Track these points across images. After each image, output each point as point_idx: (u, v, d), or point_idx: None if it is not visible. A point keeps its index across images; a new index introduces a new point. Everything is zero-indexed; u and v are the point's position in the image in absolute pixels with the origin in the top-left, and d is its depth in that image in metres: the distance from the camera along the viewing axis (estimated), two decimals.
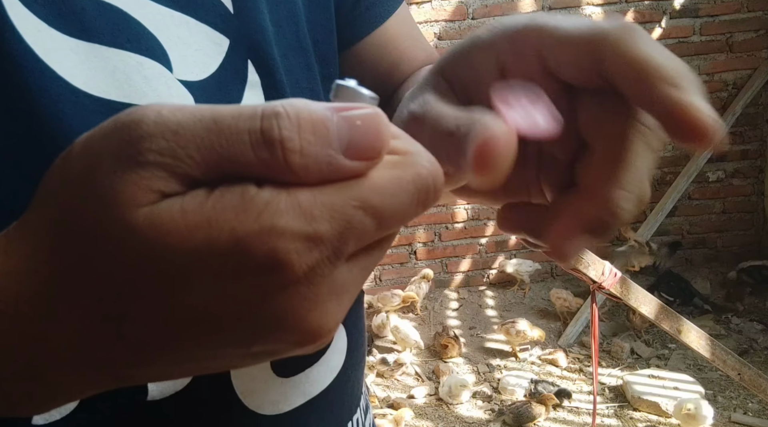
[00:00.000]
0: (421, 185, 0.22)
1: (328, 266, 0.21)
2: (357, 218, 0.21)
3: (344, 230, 0.21)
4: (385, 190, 0.21)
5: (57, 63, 0.31)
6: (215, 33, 0.39)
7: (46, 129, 0.30)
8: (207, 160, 0.20)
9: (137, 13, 0.34)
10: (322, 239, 0.20)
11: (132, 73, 0.33)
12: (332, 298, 0.22)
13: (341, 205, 0.21)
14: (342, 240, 0.21)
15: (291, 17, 0.44)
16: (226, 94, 0.39)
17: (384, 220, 0.21)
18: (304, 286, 0.21)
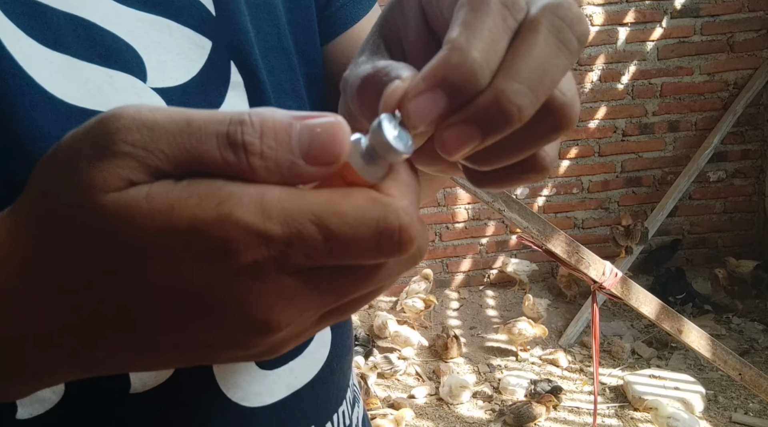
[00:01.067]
0: (384, 229, 0.22)
1: (272, 266, 0.22)
2: (308, 231, 0.22)
3: (293, 238, 0.22)
4: (346, 217, 0.22)
5: (35, 71, 0.32)
6: (197, 35, 0.39)
7: (22, 133, 0.32)
8: (177, 156, 0.22)
9: (112, 24, 0.35)
10: (272, 239, 0.21)
11: (102, 85, 0.34)
12: (278, 300, 0.22)
13: (298, 214, 0.22)
14: (289, 246, 0.22)
15: (271, 19, 0.44)
16: (208, 96, 0.39)
17: (335, 244, 0.22)
18: (249, 278, 0.22)
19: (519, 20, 0.24)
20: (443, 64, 0.23)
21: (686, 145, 3.36)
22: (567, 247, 1.64)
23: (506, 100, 0.23)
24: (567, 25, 0.24)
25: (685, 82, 3.29)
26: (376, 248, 0.22)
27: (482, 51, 0.23)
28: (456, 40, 0.23)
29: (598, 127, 3.35)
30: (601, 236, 3.46)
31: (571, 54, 0.24)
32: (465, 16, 0.24)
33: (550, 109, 0.25)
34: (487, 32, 0.23)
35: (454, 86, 0.23)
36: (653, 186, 3.43)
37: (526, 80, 0.23)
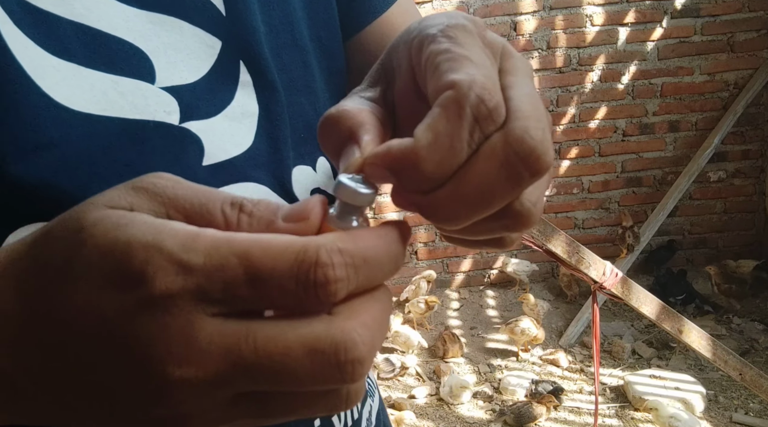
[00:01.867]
0: (302, 262, 0.21)
1: (187, 300, 0.21)
2: (230, 264, 0.21)
3: (214, 271, 0.21)
4: (269, 249, 0.22)
5: (42, 79, 0.33)
6: (208, 35, 0.40)
7: (27, 140, 0.32)
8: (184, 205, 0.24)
9: (120, 29, 0.36)
10: (191, 269, 0.21)
11: (108, 90, 0.35)
12: (190, 342, 0.21)
13: (225, 248, 0.22)
14: (208, 279, 0.21)
15: (285, 16, 0.45)
16: (218, 95, 0.40)
17: (254, 277, 0.21)
18: (160, 310, 0.21)
19: (488, 133, 0.24)
20: (399, 158, 0.25)
21: (687, 145, 3.36)
22: (567, 247, 1.64)
23: (444, 210, 0.25)
24: (523, 164, 0.24)
25: (686, 82, 3.29)
26: (298, 279, 0.21)
27: (438, 163, 0.24)
28: (419, 141, 0.24)
29: (599, 127, 3.35)
30: (601, 236, 3.46)
31: (519, 187, 0.25)
32: (436, 120, 0.24)
33: (507, 213, 0.26)
34: (449, 147, 0.24)
35: (403, 179, 0.25)
36: (653, 186, 3.43)
37: (466, 202, 0.25)
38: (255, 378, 0.22)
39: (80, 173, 0.33)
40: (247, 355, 0.21)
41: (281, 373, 0.21)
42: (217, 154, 0.39)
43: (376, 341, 0.23)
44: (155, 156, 0.36)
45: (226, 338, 0.21)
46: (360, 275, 0.22)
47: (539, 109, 0.25)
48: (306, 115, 0.46)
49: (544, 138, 0.24)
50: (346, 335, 0.22)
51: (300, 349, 0.21)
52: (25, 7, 0.33)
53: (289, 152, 0.44)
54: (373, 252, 0.23)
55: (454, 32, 0.27)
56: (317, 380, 0.22)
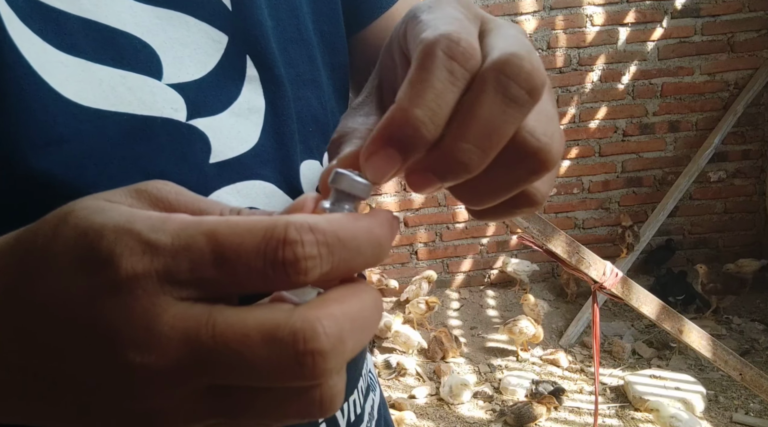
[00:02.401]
0: (270, 238, 0.21)
1: (153, 282, 0.20)
2: (197, 243, 0.21)
3: (181, 250, 0.21)
4: (237, 227, 0.21)
5: (49, 75, 0.33)
6: (214, 30, 0.40)
7: (36, 136, 0.32)
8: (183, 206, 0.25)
9: (128, 24, 0.36)
10: (158, 249, 0.21)
11: (116, 85, 0.35)
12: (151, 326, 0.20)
13: (193, 228, 0.21)
14: (175, 259, 0.21)
15: (291, 10, 0.45)
16: (224, 90, 0.40)
17: (221, 255, 0.21)
18: (124, 292, 0.20)
19: (471, 68, 0.24)
20: (389, 125, 0.24)
21: (687, 145, 3.36)
22: (567, 247, 1.64)
23: (453, 159, 0.24)
24: (515, 82, 0.24)
25: (686, 82, 3.29)
26: (263, 259, 0.20)
27: (424, 108, 0.24)
28: (400, 99, 0.24)
29: (599, 127, 3.35)
30: (601, 236, 3.46)
31: (521, 107, 0.24)
32: (412, 74, 0.24)
33: (525, 154, 0.26)
34: (430, 90, 0.24)
35: (402, 143, 0.24)
36: (654, 186, 3.43)
37: (473, 139, 0.24)
38: (213, 367, 0.20)
39: (90, 169, 0.34)
40: (204, 340, 0.20)
41: (238, 362, 0.20)
42: (224, 152, 0.39)
43: (345, 336, 0.21)
44: (163, 153, 0.36)
45: (186, 321, 0.20)
46: (335, 255, 0.21)
47: (522, 40, 0.26)
48: (313, 109, 0.46)
49: (531, 58, 0.24)
50: (307, 324, 0.20)
51: (257, 336, 0.20)
52: (32, 4, 0.33)
53: (296, 148, 0.44)
54: (350, 233, 0.22)
55: (431, 4, 0.28)
56: (275, 371, 0.20)
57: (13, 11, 0.32)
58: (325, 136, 0.47)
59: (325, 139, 0.47)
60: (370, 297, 0.23)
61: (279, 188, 0.42)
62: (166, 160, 0.36)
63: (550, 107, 0.28)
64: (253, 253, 0.20)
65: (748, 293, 3.15)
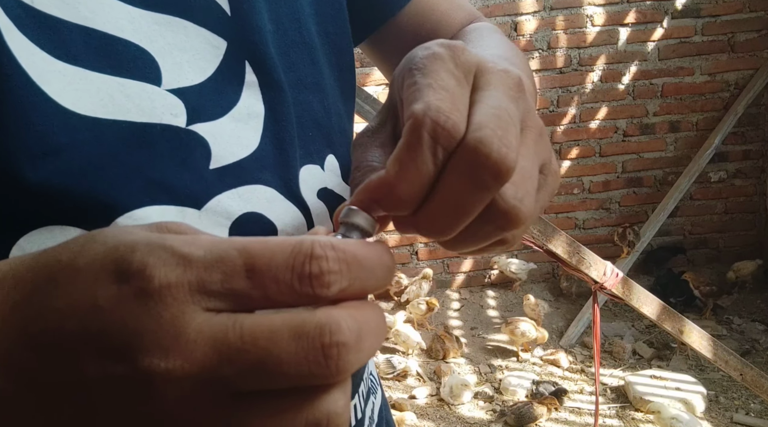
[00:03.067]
0: (298, 252, 0.22)
1: (184, 291, 0.21)
2: (230, 255, 0.22)
3: (214, 262, 0.22)
4: (268, 243, 0.22)
5: (48, 84, 0.32)
6: (213, 36, 0.40)
7: (35, 147, 0.32)
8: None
9: (126, 31, 0.36)
10: (191, 261, 0.22)
11: (114, 93, 0.35)
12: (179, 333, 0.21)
13: (225, 243, 0.23)
14: (207, 270, 0.22)
15: (292, 13, 0.45)
16: (224, 96, 0.40)
17: (254, 268, 0.22)
18: (154, 301, 0.21)
19: (451, 148, 0.27)
20: (376, 190, 0.27)
21: (687, 145, 3.36)
22: (568, 247, 1.64)
23: (428, 227, 0.28)
24: (482, 169, 0.26)
25: (686, 83, 3.29)
26: (291, 271, 0.22)
27: (408, 186, 0.27)
28: (388, 171, 0.27)
29: (599, 127, 3.35)
30: (602, 236, 3.46)
31: (486, 190, 0.27)
32: (400, 151, 0.27)
33: (495, 214, 0.28)
34: (415, 171, 0.27)
35: (386, 207, 0.28)
36: (654, 186, 3.43)
37: (443, 215, 0.27)
38: (242, 367, 0.21)
39: (89, 178, 0.33)
40: (232, 340, 0.21)
41: (266, 359, 0.21)
42: (225, 157, 0.39)
43: (363, 335, 0.22)
44: (163, 160, 0.36)
45: (214, 327, 0.21)
46: (352, 273, 0.23)
47: (500, 116, 0.27)
48: (314, 113, 0.46)
49: (501, 143, 0.26)
50: (331, 319, 0.22)
51: (285, 332, 0.21)
52: (29, 12, 0.33)
53: (295, 153, 0.44)
54: (366, 255, 0.24)
55: (424, 62, 0.29)
56: (302, 366, 0.21)
57: (11, 21, 0.32)
58: (327, 140, 0.47)
59: (326, 143, 0.47)
60: (378, 311, 0.25)
61: (279, 193, 0.42)
62: (167, 167, 0.36)
63: (530, 166, 0.30)
64: (283, 265, 0.22)
65: (749, 294, 3.15)
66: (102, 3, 0.35)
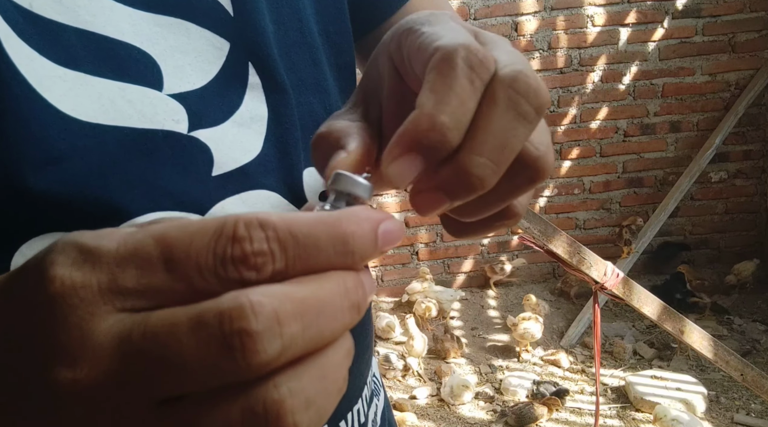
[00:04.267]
0: (220, 234, 0.20)
1: (93, 292, 0.19)
2: (145, 246, 0.20)
3: (127, 256, 0.20)
4: (187, 227, 0.20)
5: (48, 91, 0.32)
6: (216, 37, 0.39)
7: (35, 156, 0.31)
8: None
9: (127, 34, 0.35)
10: (100, 257, 0.20)
11: (116, 98, 0.34)
12: (85, 337, 0.19)
13: (140, 232, 0.20)
14: (120, 266, 0.19)
15: (293, 13, 0.45)
16: (226, 98, 0.39)
17: (173, 257, 0.20)
18: (60, 304, 0.19)
19: (486, 80, 0.25)
20: (414, 130, 0.25)
21: (688, 145, 3.36)
22: (568, 247, 1.64)
23: (469, 174, 0.25)
24: (524, 98, 0.25)
25: (687, 83, 3.29)
26: (213, 256, 0.19)
27: (450, 115, 0.24)
28: (425, 105, 0.24)
29: (600, 127, 3.35)
30: (602, 236, 3.45)
31: (529, 123, 0.25)
32: (433, 81, 0.25)
33: (525, 164, 0.27)
34: (454, 97, 0.24)
35: (427, 149, 0.25)
36: (655, 187, 3.43)
37: (487, 153, 0.25)
38: (145, 368, 0.19)
39: (92, 186, 0.33)
40: (135, 340, 0.19)
41: (168, 356, 0.19)
42: (227, 163, 0.39)
43: (283, 318, 0.19)
44: (165, 167, 0.36)
45: (122, 327, 0.19)
46: (288, 252, 0.20)
47: (521, 56, 0.27)
48: (316, 114, 0.45)
49: (535, 76, 0.26)
50: (234, 302, 0.18)
51: (185, 324, 0.19)
52: (28, 18, 0.32)
53: (299, 155, 0.43)
54: (305, 229, 0.20)
55: (428, 18, 0.28)
56: (206, 362, 0.18)
57: (10, 27, 0.31)
58: None
59: None
60: (332, 281, 0.21)
61: (283, 197, 0.42)
62: (169, 175, 0.36)
63: (543, 122, 0.29)
64: (203, 252, 0.20)
65: (749, 294, 3.15)
66: (102, 6, 0.34)
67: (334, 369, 0.21)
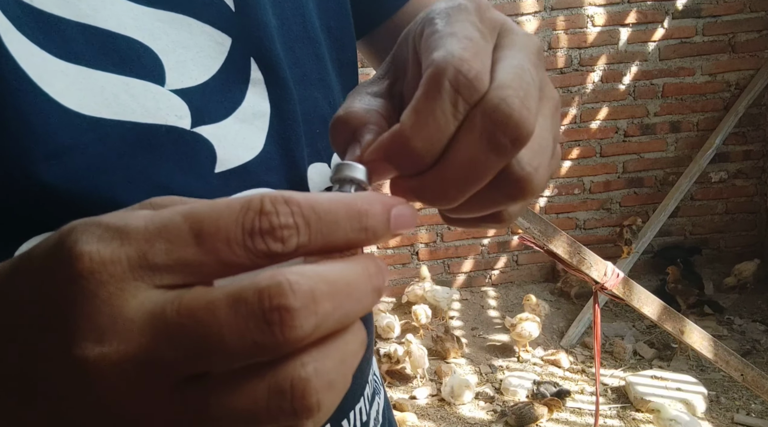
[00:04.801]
0: (248, 209, 0.20)
1: (123, 267, 0.19)
2: (174, 222, 0.20)
3: (156, 231, 0.20)
4: (215, 205, 0.21)
5: (49, 85, 0.31)
6: (217, 32, 0.39)
7: (37, 151, 0.31)
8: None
9: (129, 28, 0.35)
10: (128, 233, 0.20)
11: (119, 93, 0.34)
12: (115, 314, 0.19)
13: (168, 210, 0.21)
14: (149, 241, 0.20)
15: (296, 8, 0.44)
16: (228, 94, 0.39)
17: (202, 231, 0.20)
18: (87, 280, 0.19)
19: (473, 102, 0.25)
20: (389, 146, 0.26)
21: (688, 145, 3.36)
22: (569, 248, 1.64)
23: (435, 191, 0.26)
24: (501, 130, 0.25)
25: (687, 83, 3.29)
26: (241, 231, 0.20)
27: (424, 141, 0.25)
28: (404, 124, 0.25)
29: (600, 127, 3.35)
30: (602, 236, 3.45)
31: (502, 155, 0.25)
32: (417, 101, 0.25)
33: (508, 181, 0.27)
34: (433, 122, 0.25)
35: (398, 164, 0.26)
36: (655, 187, 3.43)
37: (451, 178, 0.26)
38: (181, 345, 0.19)
39: (95, 181, 0.33)
40: (170, 317, 0.19)
41: (206, 334, 0.19)
42: (230, 160, 0.38)
43: (318, 296, 0.19)
44: (168, 163, 0.35)
45: (155, 304, 0.19)
46: (312, 226, 0.21)
47: (523, 77, 0.26)
48: (320, 109, 0.45)
49: (522, 106, 0.25)
50: (272, 280, 0.19)
51: (224, 301, 0.19)
52: (28, 12, 0.32)
53: (302, 152, 0.43)
54: (326, 206, 0.21)
55: (448, 12, 0.28)
56: (245, 337, 0.19)
57: (10, 21, 0.31)
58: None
59: None
60: (358, 265, 0.22)
61: None
62: (172, 171, 0.35)
63: (546, 136, 0.28)
64: (233, 225, 0.20)
65: (750, 294, 3.15)
66: (104, 0, 0.34)
67: (352, 356, 0.22)
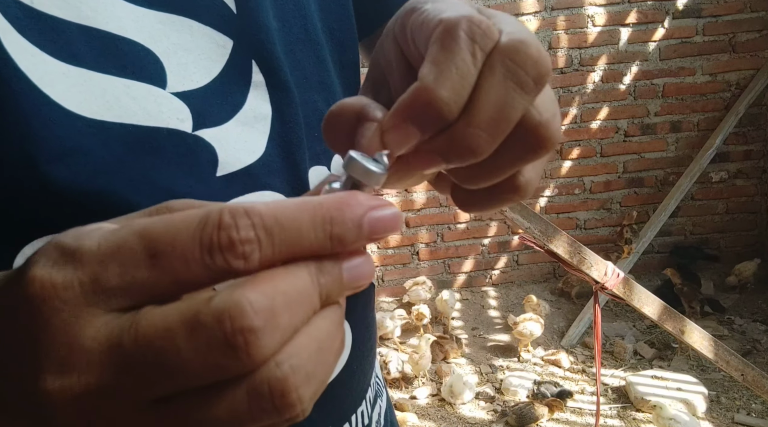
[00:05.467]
0: (205, 224, 0.19)
1: (75, 293, 0.19)
2: (128, 242, 0.19)
3: (109, 253, 0.19)
4: (170, 221, 0.20)
5: (50, 87, 0.31)
6: (218, 35, 0.38)
7: (38, 154, 0.31)
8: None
9: (130, 30, 0.35)
10: (81, 256, 0.19)
11: (120, 95, 0.34)
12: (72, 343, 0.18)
13: (123, 229, 0.20)
14: (102, 264, 0.19)
15: (297, 10, 0.44)
16: (230, 97, 0.39)
17: (157, 251, 0.19)
18: (43, 308, 0.18)
19: (488, 50, 0.25)
20: (412, 102, 0.25)
21: (688, 145, 3.36)
22: (569, 247, 1.64)
23: (464, 143, 0.25)
24: (522, 68, 0.25)
25: (687, 83, 3.29)
26: (199, 247, 0.19)
27: (449, 89, 0.24)
28: (425, 77, 0.24)
29: (600, 127, 3.35)
30: (603, 236, 3.45)
31: (527, 94, 0.25)
32: (435, 53, 0.25)
33: (526, 130, 0.26)
34: (455, 70, 0.24)
35: (423, 121, 0.25)
36: (655, 187, 3.43)
37: (483, 124, 0.25)
38: (141, 373, 0.18)
39: (96, 184, 0.32)
40: (127, 345, 0.18)
41: (165, 362, 0.18)
42: (232, 164, 0.38)
43: (277, 310, 0.19)
44: (170, 166, 0.35)
45: (111, 331, 0.19)
46: (275, 239, 0.20)
47: (525, 28, 0.26)
48: (320, 112, 0.45)
49: (537, 44, 0.25)
50: (230, 302, 0.18)
51: (180, 328, 0.18)
52: (29, 14, 0.31)
53: (303, 155, 0.43)
54: (290, 215, 0.20)
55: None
56: (207, 362, 0.18)
57: (10, 23, 0.30)
58: None
59: None
60: (304, 271, 0.21)
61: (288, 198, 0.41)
62: (174, 174, 0.35)
63: (550, 90, 0.28)
64: (189, 243, 0.19)
65: (750, 294, 3.15)
66: (104, 2, 0.34)
67: (329, 339, 0.21)
